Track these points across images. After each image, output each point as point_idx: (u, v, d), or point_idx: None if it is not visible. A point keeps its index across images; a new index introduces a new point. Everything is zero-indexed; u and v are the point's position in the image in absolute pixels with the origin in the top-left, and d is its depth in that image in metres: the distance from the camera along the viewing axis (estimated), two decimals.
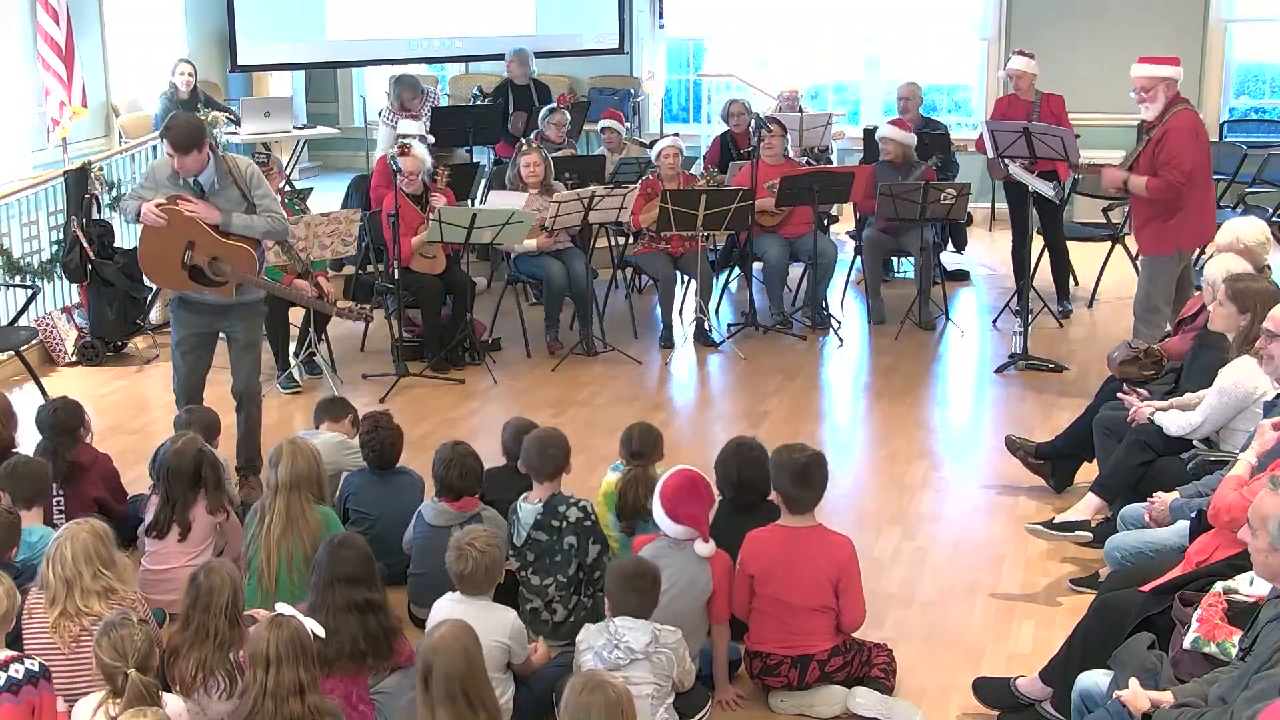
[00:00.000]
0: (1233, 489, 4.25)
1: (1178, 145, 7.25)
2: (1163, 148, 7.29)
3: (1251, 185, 10.53)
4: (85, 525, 4.18)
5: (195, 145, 5.73)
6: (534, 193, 8.65)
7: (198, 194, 5.83)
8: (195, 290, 5.92)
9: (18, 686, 3.62)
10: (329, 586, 4.18)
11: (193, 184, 5.84)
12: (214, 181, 5.85)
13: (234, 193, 5.87)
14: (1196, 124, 7.36)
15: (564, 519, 4.82)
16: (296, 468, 4.78)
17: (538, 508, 4.85)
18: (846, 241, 10.79)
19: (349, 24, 11.68)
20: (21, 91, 10.22)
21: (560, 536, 4.81)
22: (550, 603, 4.81)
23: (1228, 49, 12.17)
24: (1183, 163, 7.21)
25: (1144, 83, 7.40)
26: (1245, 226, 6.19)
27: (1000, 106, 9.48)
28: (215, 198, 5.85)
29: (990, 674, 4.61)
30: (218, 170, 5.86)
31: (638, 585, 4.19)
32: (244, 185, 5.89)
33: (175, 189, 5.84)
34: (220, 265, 5.81)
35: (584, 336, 8.62)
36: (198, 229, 5.77)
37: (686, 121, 14.09)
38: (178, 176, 5.84)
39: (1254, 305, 5.28)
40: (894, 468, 6.72)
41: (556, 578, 4.80)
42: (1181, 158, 7.20)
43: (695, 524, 4.47)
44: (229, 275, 5.82)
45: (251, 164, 6.08)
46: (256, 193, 5.93)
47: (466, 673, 3.65)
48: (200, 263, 5.80)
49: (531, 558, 4.85)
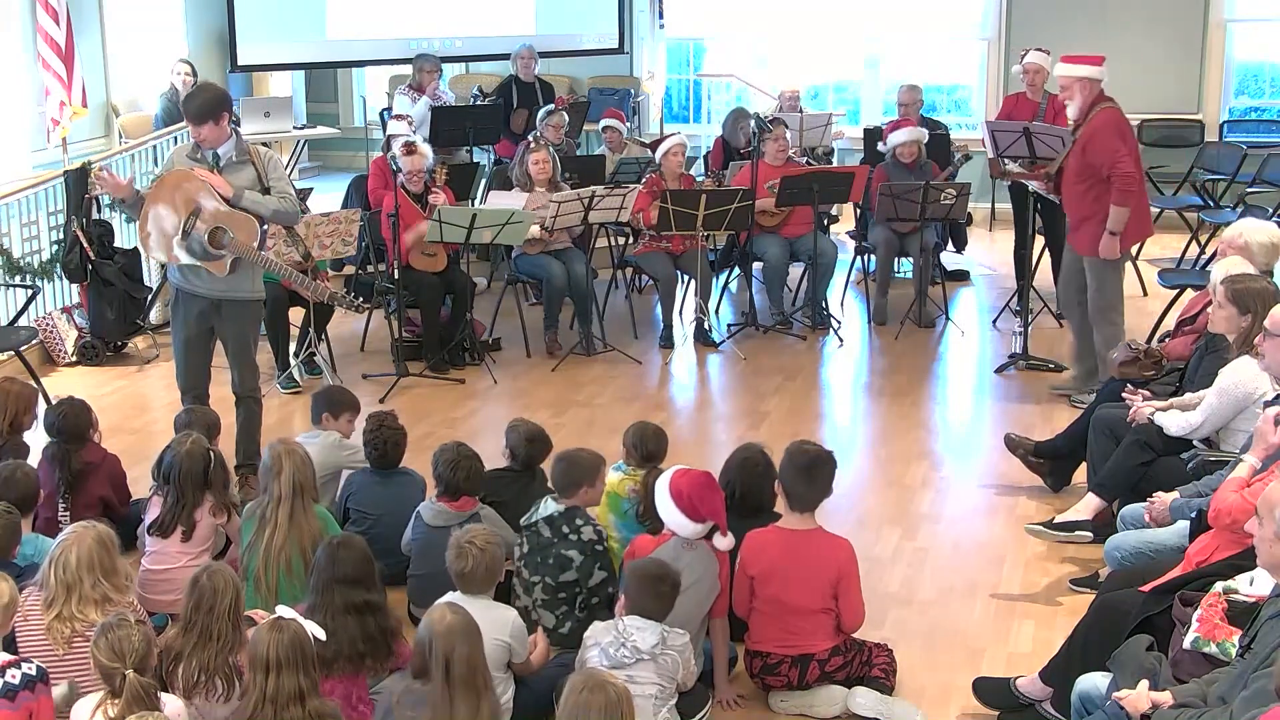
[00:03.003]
0: (1234, 490, 4.25)
1: (1107, 145, 7.12)
2: (1090, 150, 7.21)
3: (1251, 185, 10.52)
4: (91, 531, 4.15)
5: (211, 117, 5.82)
6: (541, 190, 8.65)
7: (213, 167, 5.89)
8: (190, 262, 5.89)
9: (14, 692, 3.59)
10: (328, 588, 4.17)
11: (210, 158, 5.91)
12: (231, 156, 5.92)
13: (250, 172, 5.93)
14: (1120, 121, 7.21)
15: (577, 532, 4.75)
16: (297, 474, 4.76)
17: (559, 507, 4.83)
18: (846, 241, 10.79)
19: (349, 24, 11.68)
20: (21, 91, 10.21)
21: (563, 543, 4.74)
22: (536, 604, 4.74)
23: (1228, 49, 12.18)
24: (1121, 160, 7.07)
25: (1064, 82, 7.34)
26: (1253, 228, 6.17)
27: (1008, 105, 9.40)
28: (229, 172, 5.89)
29: (990, 674, 4.61)
30: (237, 148, 5.94)
31: (660, 589, 4.18)
32: (260, 167, 5.95)
33: (192, 164, 5.92)
34: (222, 235, 5.81)
35: (584, 336, 8.62)
36: (208, 195, 5.79)
37: (686, 121, 14.08)
38: (197, 150, 5.93)
39: (1255, 306, 5.28)
40: (894, 468, 6.72)
41: (545, 579, 4.73)
42: (1117, 156, 7.08)
43: (718, 517, 4.46)
44: (229, 246, 5.80)
45: (272, 152, 6.14)
46: (272, 175, 5.98)
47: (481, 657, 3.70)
48: (202, 232, 5.80)
49: (527, 549, 4.80)
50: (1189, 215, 10.90)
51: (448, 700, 3.66)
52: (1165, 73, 12.10)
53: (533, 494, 5.38)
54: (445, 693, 3.66)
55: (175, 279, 6.10)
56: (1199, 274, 8.87)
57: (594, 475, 4.86)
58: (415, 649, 3.78)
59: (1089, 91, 7.20)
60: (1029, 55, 9.25)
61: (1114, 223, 7.12)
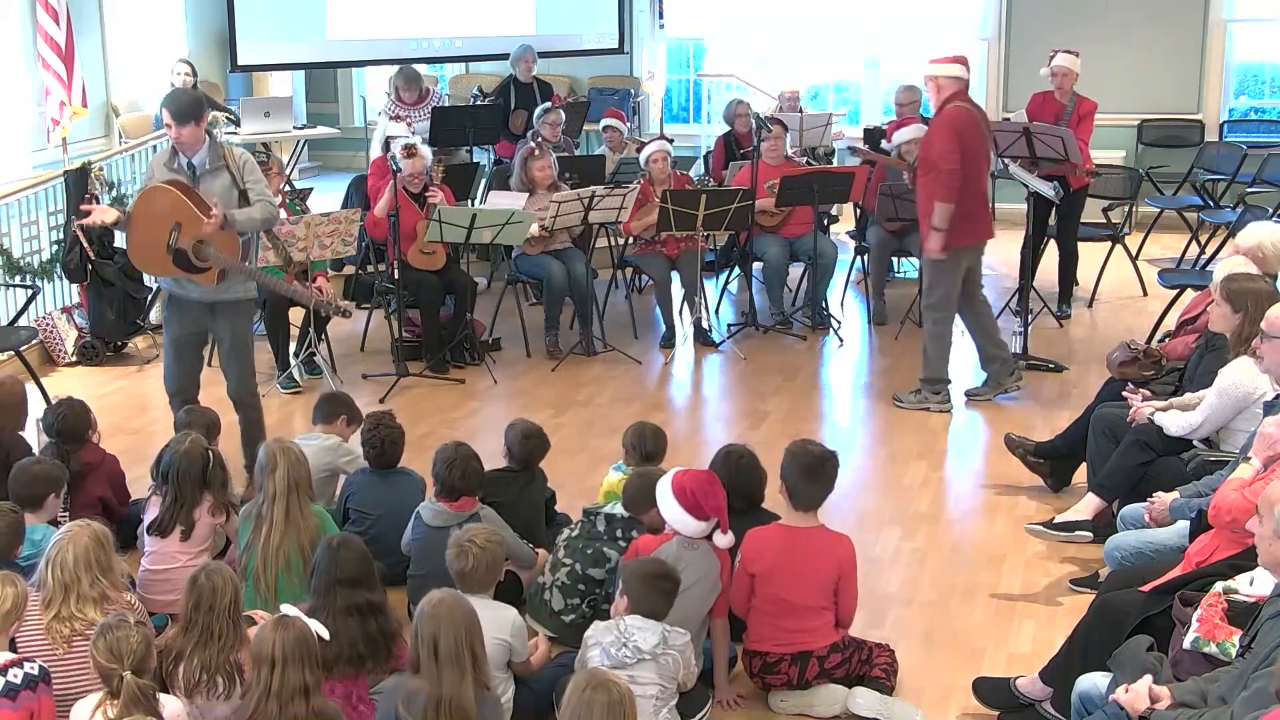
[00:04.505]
0: (1234, 490, 4.25)
1: (938, 140, 7.20)
2: (926, 144, 7.37)
3: (1251, 185, 10.52)
4: (87, 529, 4.16)
5: (193, 117, 5.78)
6: (542, 192, 8.66)
7: (191, 178, 5.85)
8: (179, 276, 5.90)
9: (15, 692, 3.60)
10: (329, 590, 4.17)
11: (186, 167, 5.87)
12: (206, 163, 5.87)
13: (225, 177, 5.89)
14: (963, 120, 7.20)
15: (628, 540, 4.83)
16: (291, 472, 4.76)
17: (620, 510, 4.89)
18: (847, 241, 10.79)
19: (349, 24, 11.68)
20: (21, 91, 10.21)
21: (611, 543, 4.85)
22: (555, 584, 4.86)
23: (1228, 49, 12.17)
24: (945, 157, 7.09)
25: (927, 80, 7.44)
26: (1270, 232, 6.12)
27: (1033, 103, 9.30)
28: (206, 179, 5.86)
29: (990, 674, 4.61)
30: (211, 154, 5.88)
31: (664, 587, 4.19)
32: (236, 171, 5.90)
33: (170, 174, 5.87)
34: (204, 249, 5.78)
35: (584, 336, 8.62)
36: (186, 212, 5.74)
37: (686, 121, 14.09)
38: (174, 159, 5.88)
39: (1247, 304, 5.29)
40: (894, 468, 6.72)
41: (575, 565, 4.84)
42: (945, 151, 7.10)
43: (721, 514, 4.46)
44: (213, 259, 5.79)
45: (245, 153, 6.09)
46: (249, 179, 5.93)
47: (471, 637, 3.71)
48: (185, 246, 5.77)
49: (575, 532, 4.92)
50: (1189, 215, 10.90)
51: (436, 680, 3.66)
52: (1165, 73, 12.10)
53: (532, 494, 5.42)
54: (433, 671, 3.67)
55: (167, 284, 6.10)
56: (1199, 274, 8.88)
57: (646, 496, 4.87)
58: (410, 639, 3.79)
59: (948, 89, 7.24)
60: (1057, 58, 9.16)
61: (936, 218, 7.13)
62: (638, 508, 4.86)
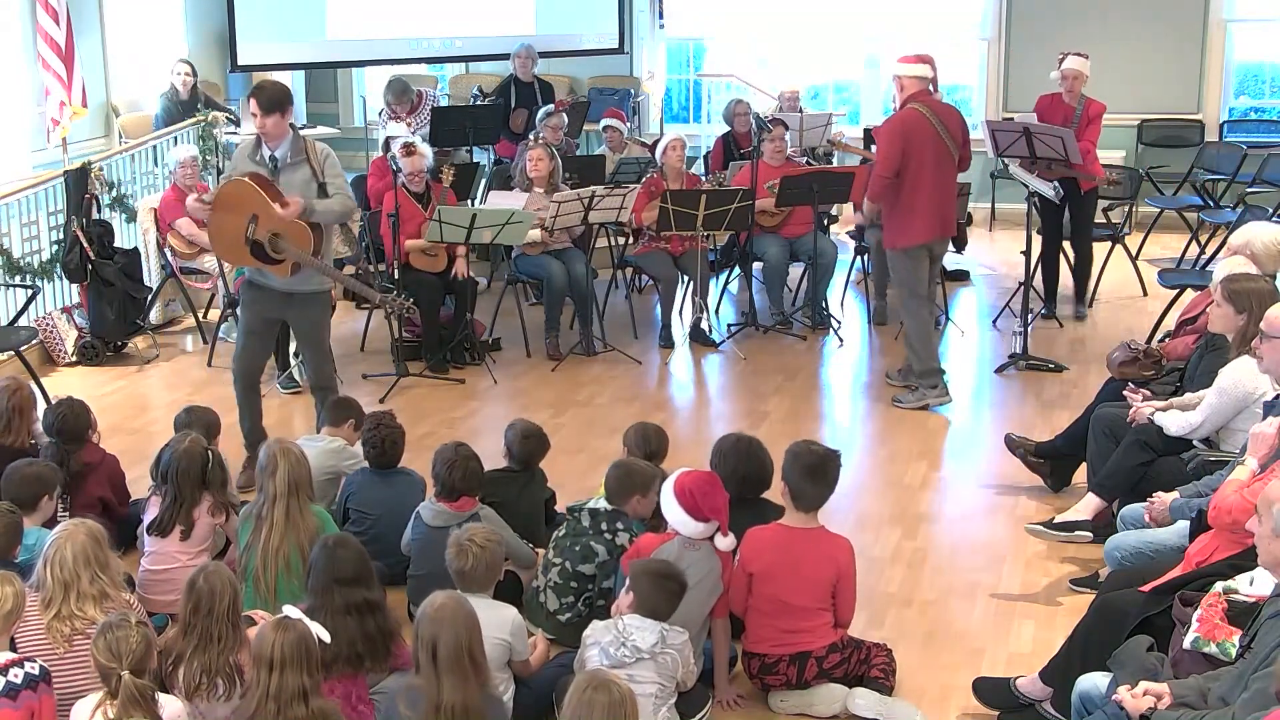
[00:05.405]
0: (1234, 490, 4.25)
1: (881, 140, 7.58)
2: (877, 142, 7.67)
3: (1251, 185, 10.53)
4: (83, 527, 4.16)
5: (279, 108, 5.94)
6: (539, 191, 8.65)
7: (272, 170, 5.99)
8: (255, 266, 6.09)
9: (16, 692, 3.59)
10: (328, 589, 4.17)
11: (269, 160, 6.00)
12: (288, 156, 6.01)
13: (305, 170, 6.01)
14: (909, 121, 7.29)
15: (613, 533, 4.83)
16: (292, 472, 4.76)
17: (604, 504, 4.89)
18: (847, 241, 10.79)
19: (349, 24, 11.68)
20: (21, 91, 10.21)
21: (596, 538, 4.84)
22: (549, 585, 4.85)
23: (1228, 49, 12.17)
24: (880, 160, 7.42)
25: (893, 79, 7.58)
26: (1260, 231, 6.14)
27: (1041, 105, 9.26)
28: (287, 171, 6.00)
29: (990, 674, 4.61)
30: (293, 147, 6.02)
31: (670, 588, 4.19)
32: (317, 164, 6.03)
33: (253, 167, 6.01)
34: (280, 242, 5.92)
35: (584, 336, 8.62)
36: (262, 204, 5.87)
37: (686, 121, 14.09)
38: (258, 151, 6.03)
39: (1250, 304, 5.28)
40: (894, 468, 6.72)
41: (565, 564, 4.83)
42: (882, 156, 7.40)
43: (720, 516, 4.46)
44: (287, 253, 5.92)
45: (326, 147, 6.20)
46: (329, 173, 6.05)
47: (471, 640, 3.71)
48: (262, 238, 5.92)
49: (562, 531, 4.91)
50: (1189, 215, 10.91)
51: (435, 684, 3.66)
52: (1165, 73, 12.09)
53: (532, 494, 5.42)
54: (432, 675, 3.67)
55: (250, 271, 6.26)
56: (1199, 274, 8.88)
57: (647, 486, 4.89)
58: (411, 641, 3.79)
59: (910, 89, 7.38)
60: (1067, 60, 9.12)
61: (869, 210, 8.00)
62: (619, 498, 4.88)
